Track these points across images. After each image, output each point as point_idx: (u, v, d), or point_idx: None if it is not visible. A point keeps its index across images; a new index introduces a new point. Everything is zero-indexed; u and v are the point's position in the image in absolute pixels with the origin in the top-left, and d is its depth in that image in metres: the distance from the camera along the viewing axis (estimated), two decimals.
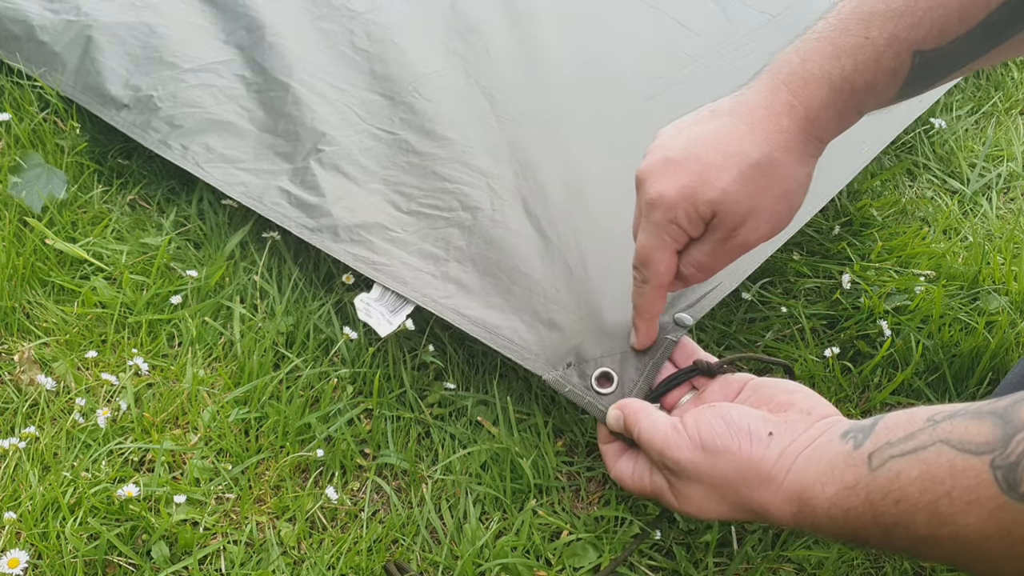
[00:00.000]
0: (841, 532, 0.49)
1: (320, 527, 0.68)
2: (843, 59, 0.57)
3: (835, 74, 0.58)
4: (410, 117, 0.90)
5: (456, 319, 0.73)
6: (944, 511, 0.43)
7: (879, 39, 0.56)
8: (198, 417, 0.72)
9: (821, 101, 0.58)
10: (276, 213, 0.82)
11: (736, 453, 0.53)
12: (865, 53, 0.57)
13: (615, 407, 0.63)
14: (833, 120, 0.59)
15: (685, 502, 0.56)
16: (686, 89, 0.96)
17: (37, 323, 0.78)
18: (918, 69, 0.57)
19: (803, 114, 0.59)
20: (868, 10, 0.57)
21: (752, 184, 0.59)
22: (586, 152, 0.88)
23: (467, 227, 0.80)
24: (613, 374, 0.67)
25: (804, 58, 0.58)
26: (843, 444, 0.50)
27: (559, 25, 1.03)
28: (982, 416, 0.43)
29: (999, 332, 0.82)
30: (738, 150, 0.58)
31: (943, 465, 0.43)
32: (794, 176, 0.60)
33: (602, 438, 0.65)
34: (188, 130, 0.89)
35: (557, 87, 0.96)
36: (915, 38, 0.56)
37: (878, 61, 0.57)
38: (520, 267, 0.77)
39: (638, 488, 0.60)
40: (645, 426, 0.59)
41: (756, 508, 0.53)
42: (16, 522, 0.64)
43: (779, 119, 0.59)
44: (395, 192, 0.84)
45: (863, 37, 0.57)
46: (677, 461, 0.55)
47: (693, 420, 0.56)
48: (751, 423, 0.55)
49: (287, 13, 1.01)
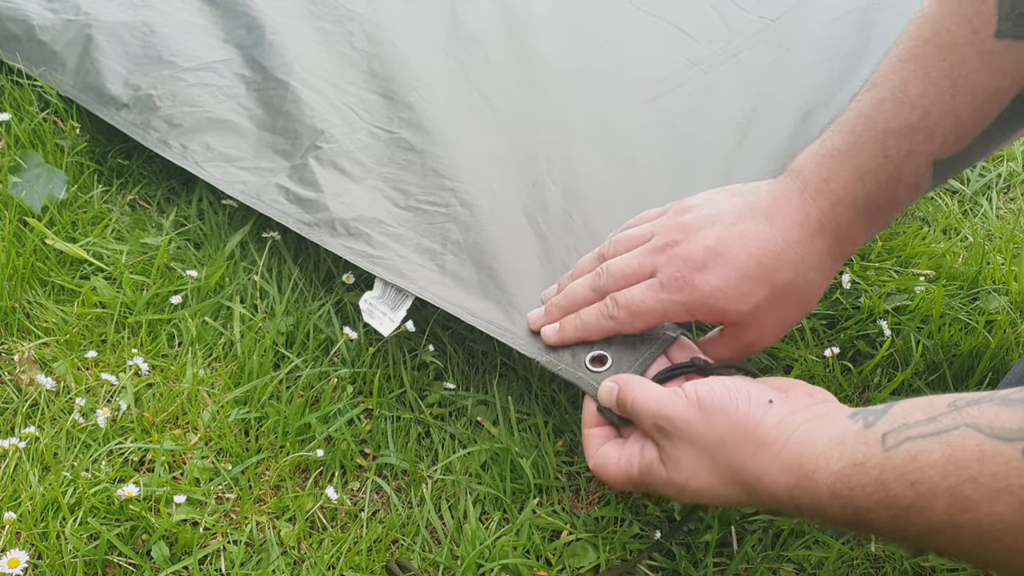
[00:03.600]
0: (843, 513, 0.47)
1: (320, 527, 0.68)
2: (866, 181, 0.58)
3: (859, 196, 0.58)
4: (409, 116, 0.90)
5: (452, 308, 0.73)
6: (968, 497, 0.41)
7: (897, 156, 0.56)
8: (198, 417, 0.72)
9: (848, 222, 0.59)
10: (274, 210, 0.82)
11: (733, 413, 0.52)
12: (887, 172, 0.57)
13: (609, 380, 0.62)
14: (859, 236, 0.61)
15: (674, 468, 0.54)
16: (685, 94, 0.96)
17: (37, 323, 0.78)
18: (938, 175, 0.57)
19: (833, 235, 0.60)
20: (883, 128, 0.56)
21: (780, 302, 0.61)
22: (585, 157, 0.88)
23: (464, 223, 0.80)
24: (607, 356, 0.67)
25: (827, 177, 0.59)
26: (852, 423, 0.48)
27: (559, 32, 1.03)
28: (1013, 403, 0.42)
29: (999, 332, 0.82)
30: (775, 266, 0.60)
31: (970, 449, 0.41)
32: (816, 293, 0.63)
33: (587, 422, 0.63)
34: (187, 129, 0.89)
35: (557, 94, 0.96)
36: (931, 150, 0.56)
37: (899, 180, 0.57)
38: (517, 264, 0.77)
39: (624, 472, 0.58)
40: (641, 392, 0.58)
41: (749, 478, 0.51)
42: (16, 522, 0.64)
43: (814, 239, 0.60)
44: (393, 189, 0.84)
45: (882, 156, 0.57)
46: (671, 418, 0.54)
47: (692, 385, 0.55)
48: (752, 390, 0.54)
49: (287, 12, 1.01)
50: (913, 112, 0.55)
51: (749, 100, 0.95)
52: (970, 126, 0.55)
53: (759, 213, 0.61)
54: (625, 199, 0.84)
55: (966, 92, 0.54)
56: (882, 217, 0.60)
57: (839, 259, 0.62)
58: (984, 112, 0.55)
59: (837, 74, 0.96)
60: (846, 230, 0.60)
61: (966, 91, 0.54)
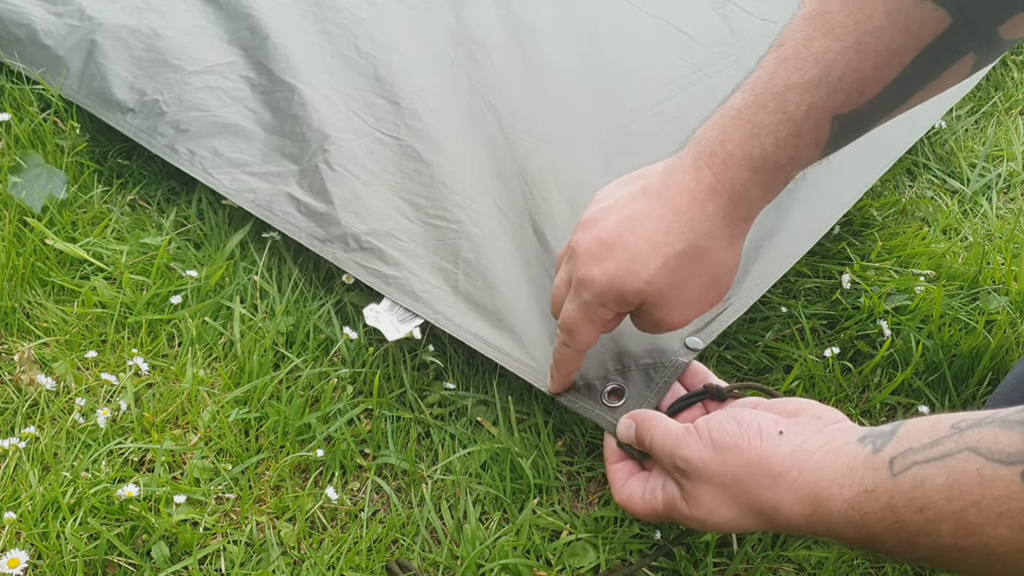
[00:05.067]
0: (857, 537, 0.48)
1: (320, 527, 0.68)
2: (762, 137, 0.56)
3: (756, 154, 0.57)
4: (416, 124, 0.90)
5: (469, 339, 0.74)
6: (972, 521, 0.42)
7: (796, 112, 0.56)
8: (198, 417, 0.72)
9: (744, 182, 0.58)
10: (288, 224, 0.82)
11: (746, 450, 0.53)
12: (785, 129, 0.56)
13: (627, 416, 0.63)
14: (758, 197, 0.59)
15: (695, 505, 0.56)
16: (690, 98, 0.96)
17: (37, 323, 0.78)
18: (837, 132, 0.57)
19: (727, 197, 0.58)
20: (783, 83, 0.56)
21: (678, 274, 0.59)
22: (592, 166, 0.88)
23: (476, 242, 0.80)
24: (624, 388, 0.68)
25: (724, 138, 0.58)
26: (861, 448, 0.49)
27: (563, 37, 1.03)
28: (1012, 425, 0.42)
29: (999, 332, 0.82)
30: (664, 239, 0.59)
31: (971, 474, 0.42)
32: (721, 261, 0.60)
33: (609, 458, 0.65)
34: (195, 134, 0.89)
35: (562, 100, 0.96)
36: (832, 105, 0.55)
37: (799, 135, 0.56)
38: (530, 286, 0.78)
39: (649, 507, 0.60)
40: (658, 431, 0.59)
41: (767, 509, 0.52)
42: (16, 522, 0.64)
43: (704, 205, 0.59)
44: (402, 199, 0.84)
45: (780, 112, 0.56)
46: (688, 460, 0.55)
47: (705, 422, 0.56)
48: (761, 422, 0.54)
49: (290, 15, 1.01)
50: (816, 67, 0.55)
51: None
52: (872, 82, 0.55)
53: (650, 192, 0.61)
54: None
55: (870, 48, 0.54)
56: (781, 176, 0.58)
57: (738, 223, 0.59)
58: (886, 71, 0.55)
59: None
60: (742, 191, 0.58)
61: (870, 47, 0.54)
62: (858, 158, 0.89)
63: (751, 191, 0.58)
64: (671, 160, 0.62)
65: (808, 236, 0.83)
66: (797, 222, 0.83)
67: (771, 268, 0.79)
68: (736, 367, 0.81)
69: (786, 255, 0.81)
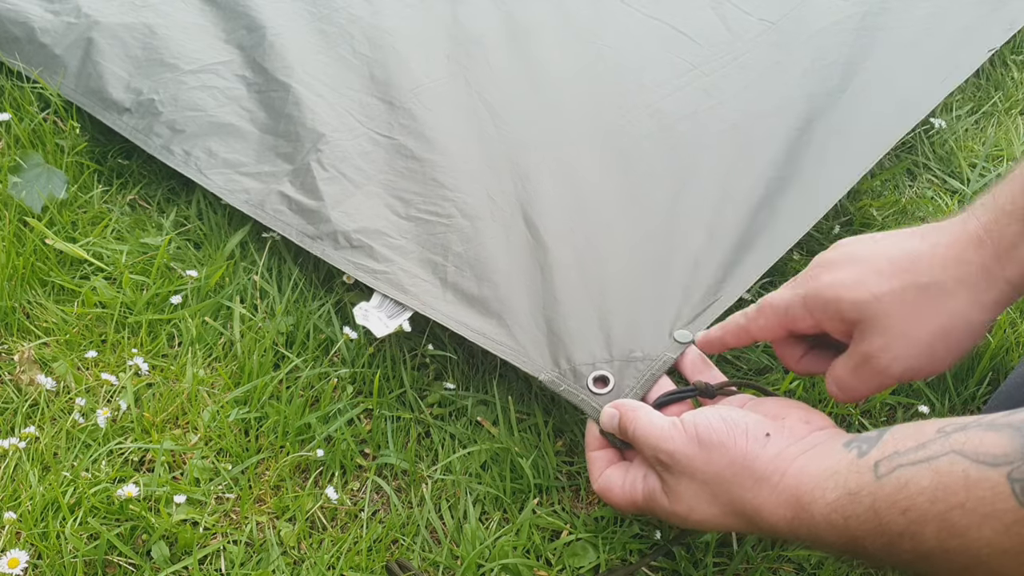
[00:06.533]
0: (840, 540, 0.48)
1: (320, 527, 0.68)
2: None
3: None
4: (410, 123, 0.90)
5: (455, 326, 0.73)
6: (956, 523, 0.41)
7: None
8: (198, 417, 0.72)
9: (1012, 238, 0.53)
10: (279, 222, 0.82)
11: (731, 449, 0.53)
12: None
13: (610, 405, 0.63)
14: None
15: (676, 500, 0.55)
16: (686, 97, 0.96)
17: (37, 323, 0.78)
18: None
19: (992, 251, 0.54)
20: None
21: (910, 306, 0.54)
22: (586, 163, 0.88)
23: (466, 234, 0.80)
24: (609, 377, 0.68)
25: (994, 193, 0.55)
26: (846, 452, 0.49)
27: (559, 37, 1.03)
28: (998, 428, 0.42)
29: (999, 332, 0.82)
30: (909, 267, 0.55)
31: (957, 475, 0.42)
32: (962, 315, 0.54)
33: (591, 445, 0.64)
34: (190, 134, 0.89)
35: (558, 99, 0.96)
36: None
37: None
38: (519, 276, 0.77)
39: (628, 497, 0.59)
40: (642, 422, 0.58)
41: (748, 510, 0.52)
42: (16, 522, 0.64)
43: (965, 250, 0.54)
44: (394, 197, 0.84)
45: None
46: (671, 453, 0.55)
47: (692, 417, 0.56)
48: (749, 422, 0.54)
49: (288, 14, 1.01)
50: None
51: (749, 103, 0.95)
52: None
53: (912, 233, 0.58)
54: (624, 206, 0.84)
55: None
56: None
57: (998, 281, 0.54)
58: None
59: (836, 80, 0.96)
60: (1010, 248, 0.53)
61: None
62: (851, 150, 0.89)
63: (1018, 250, 0.53)
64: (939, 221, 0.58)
65: (801, 224, 0.82)
66: (790, 212, 0.83)
67: (763, 258, 0.79)
68: (736, 367, 0.81)
69: (780, 243, 0.81)
